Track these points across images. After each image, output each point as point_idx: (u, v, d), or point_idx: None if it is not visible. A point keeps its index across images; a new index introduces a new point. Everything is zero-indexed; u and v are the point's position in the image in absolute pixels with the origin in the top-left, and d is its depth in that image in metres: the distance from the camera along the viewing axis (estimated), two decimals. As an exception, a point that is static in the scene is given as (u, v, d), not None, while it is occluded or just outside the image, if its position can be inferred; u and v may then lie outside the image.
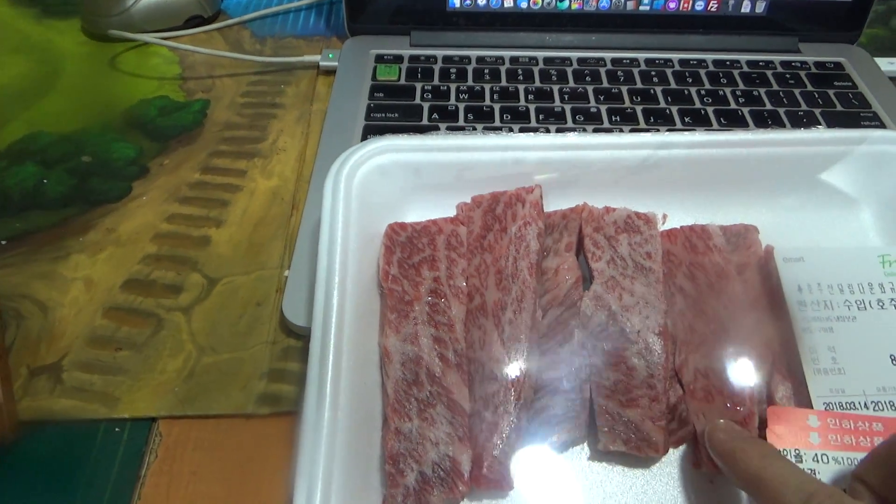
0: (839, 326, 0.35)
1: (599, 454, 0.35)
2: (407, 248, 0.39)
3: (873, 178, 0.42)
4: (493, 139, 0.42)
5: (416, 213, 0.41)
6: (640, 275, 0.37)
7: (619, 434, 0.34)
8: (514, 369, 0.34)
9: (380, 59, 0.59)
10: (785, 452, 0.31)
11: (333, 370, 0.33)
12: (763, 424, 0.32)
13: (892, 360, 0.34)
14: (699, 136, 0.43)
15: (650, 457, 0.34)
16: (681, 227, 0.39)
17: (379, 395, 0.35)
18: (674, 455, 0.35)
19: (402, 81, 0.57)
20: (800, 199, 0.43)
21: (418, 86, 0.56)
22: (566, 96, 0.55)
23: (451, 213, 0.41)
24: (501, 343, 0.35)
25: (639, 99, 0.55)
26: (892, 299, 0.36)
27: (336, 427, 0.31)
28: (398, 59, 0.59)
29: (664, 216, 0.41)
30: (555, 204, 0.40)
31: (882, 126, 0.53)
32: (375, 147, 0.41)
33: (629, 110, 0.54)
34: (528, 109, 0.53)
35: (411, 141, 0.42)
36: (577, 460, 0.35)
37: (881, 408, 0.33)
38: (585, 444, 0.35)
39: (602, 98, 0.55)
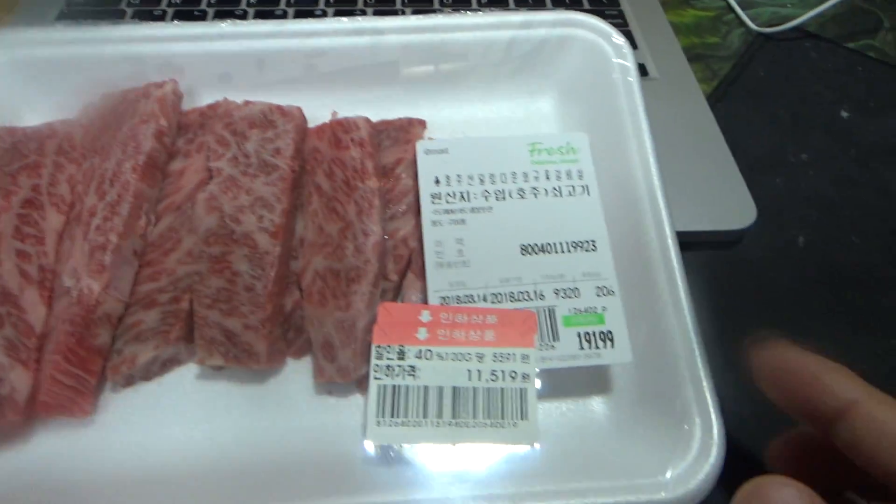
0: (472, 218, 0.32)
1: (209, 372, 0.31)
2: (9, 154, 0.33)
3: (554, 65, 0.39)
4: (129, 29, 0.37)
5: (45, 119, 0.36)
6: (263, 172, 0.33)
7: (217, 346, 0.30)
8: (89, 282, 0.29)
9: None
10: (389, 350, 0.28)
11: None
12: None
13: (521, 249, 0.31)
14: (395, 21, 0.38)
15: (254, 368, 0.30)
16: (330, 120, 0.35)
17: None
18: (296, 367, 0.32)
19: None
20: (489, 91, 0.40)
21: (125, -4, 0.50)
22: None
23: (82, 116, 0.36)
24: (82, 252, 0.30)
25: (372, 6, 0.50)
26: (534, 188, 0.33)
27: None
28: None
29: (334, 112, 0.37)
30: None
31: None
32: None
33: None
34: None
35: (32, 33, 0.36)
36: (183, 379, 0.31)
37: (500, 300, 0.30)
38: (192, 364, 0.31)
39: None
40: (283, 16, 0.48)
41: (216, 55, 0.37)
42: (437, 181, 0.33)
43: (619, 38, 0.37)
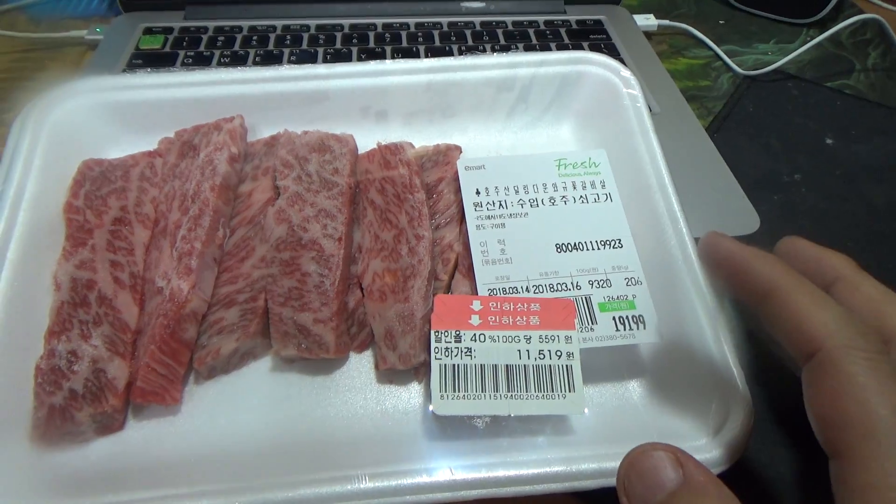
0: (511, 222, 0.36)
1: (281, 365, 0.35)
2: (98, 181, 0.38)
3: (571, 96, 0.44)
4: (198, 74, 0.42)
5: (126, 152, 0.40)
6: (325, 188, 0.37)
7: (290, 339, 0.33)
8: (179, 283, 0.33)
9: (148, 30, 0.58)
10: (446, 334, 0.32)
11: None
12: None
13: (556, 248, 0.35)
14: (424, 62, 0.43)
15: (325, 359, 0.34)
16: (377, 145, 0.40)
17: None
18: (359, 360, 0.35)
19: (167, 49, 0.56)
20: (512, 120, 0.45)
21: (181, 53, 0.56)
22: (329, 56, 0.56)
23: (159, 150, 0.40)
24: (171, 258, 0.34)
25: (400, 55, 0.56)
26: (563, 196, 0.37)
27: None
28: (168, 30, 0.59)
29: (378, 142, 0.42)
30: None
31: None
32: (72, 88, 0.40)
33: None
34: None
35: (114, 80, 0.41)
36: (258, 372, 0.34)
37: (541, 290, 0.34)
38: (270, 357, 0.35)
39: (365, 57, 0.56)
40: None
41: (271, 95, 0.42)
42: (478, 192, 0.37)
43: (626, 72, 0.43)
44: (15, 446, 0.30)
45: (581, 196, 0.37)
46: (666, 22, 0.65)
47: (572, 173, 0.38)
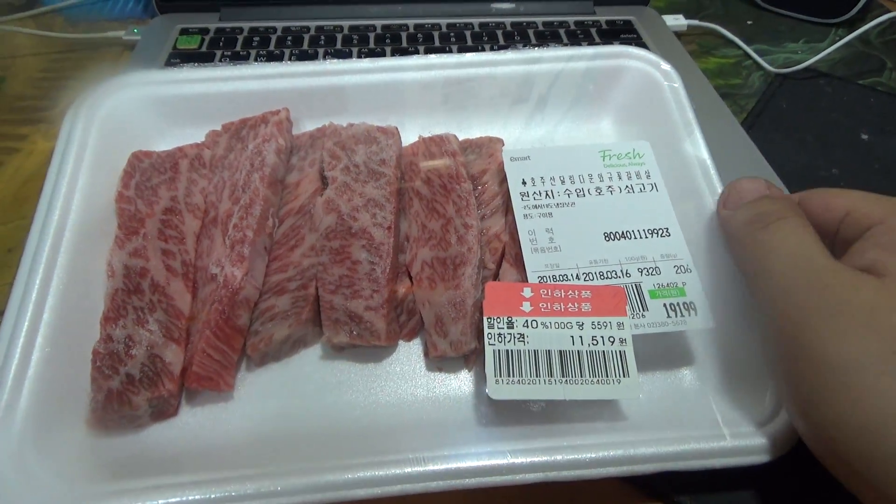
0: (558, 212, 0.36)
1: (331, 353, 0.35)
2: (148, 172, 0.38)
3: (611, 91, 0.44)
4: (243, 69, 0.42)
5: (173, 145, 0.41)
6: (373, 179, 0.37)
7: (342, 326, 0.34)
8: (232, 270, 0.33)
9: (184, 31, 0.59)
10: (499, 320, 0.32)
11: (41, 285, 0.32)
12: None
13: (604, 236, 0.36)
14: (466, 57, 0.44)
15: (376, 346, 0.34)
16: (420, 137, 0.40)
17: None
18: (408, 349, 0.35)
19: (203, 49, 0.57)
20: (552, 114, 0.45)
21: (218, 52, 0.57)
22: (363, 55, 0.57)
23: (207, 143, 0.41)
24: (224, 246, 0.34)
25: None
26: (609, 186, 0.37)
27: (35, 338, 0.31)
28: (204, 31, 0.59)
29: (420, 136, 0.42)
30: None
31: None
32: (121, 81, 0.41)
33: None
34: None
35: (162, 74, 0.42)
36: (308, 360, 0.35)
37: (591, 277, 0.34)
38: (319, 345, 0.35)
39: (399, 55, 0.57)
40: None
41: (315, 89, 0.43)
42: (524, 182, 0.37)
43: (666, 66, 0.43)
44: (73, 430, 0.31)
45: (627, 186, 0.37)
46: (695, 22, 0.66)
47: (617, 164, 0.38)
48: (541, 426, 0.31)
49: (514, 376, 0.31)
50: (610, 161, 0.38)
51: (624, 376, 0.31)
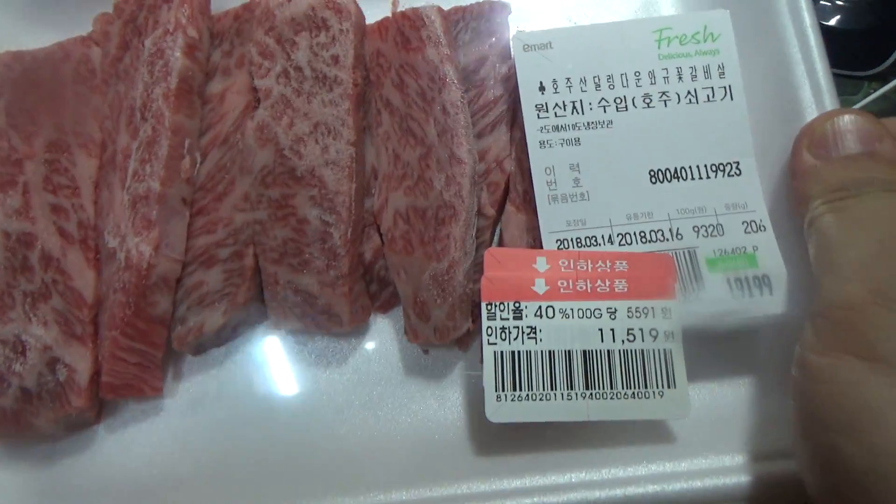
0: (589, 136, 0.26)
1: (287, 339, 0.27)
2: (21, 86, 0.28)
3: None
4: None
5: (53, 36, 0.29)
6: (322, 89, 0.26)
7: (291, 309, 0.26)
8: (137, 242, 0.25)
9: None
10: (502, 307, 0.23)
11: None
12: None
13: (650, 176, 0.25)
14: None
15: (338, 334, 0.26)
16: (392, 13, 0.28)
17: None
18: (384, 324, 0.27)
19: None
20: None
21: None
22: None
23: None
24: (123, 205, 0.25)
25: None
26: (663, 93, 0.26)
27: None
28: None
29: (394, 1, 0.30)
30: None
31: None
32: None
33: None
34: None
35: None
36: (250, 344, 0.27)
37: (629, 241, 0.25)
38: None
39: None
40: None
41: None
42: (542, 88, 0.26)
43: None
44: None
45: (689, 91, 0.26)
46: None
47: (679, 52, 0.26)
48: (554, 454, 0.24)
49: (520, 390, 0.23)
50: (669, 48, 0.26)
51: (669, 387, 0.23)
